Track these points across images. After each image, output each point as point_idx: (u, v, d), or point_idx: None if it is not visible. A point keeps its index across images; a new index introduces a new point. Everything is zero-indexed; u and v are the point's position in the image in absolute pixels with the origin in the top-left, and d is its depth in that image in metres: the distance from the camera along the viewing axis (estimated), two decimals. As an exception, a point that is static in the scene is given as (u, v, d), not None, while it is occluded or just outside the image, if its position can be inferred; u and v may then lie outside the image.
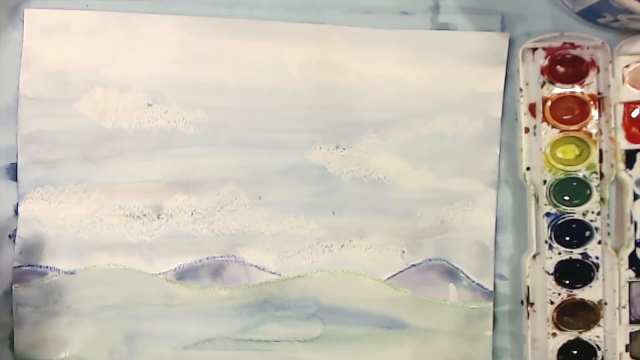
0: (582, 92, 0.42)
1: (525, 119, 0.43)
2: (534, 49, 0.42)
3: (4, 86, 0.42)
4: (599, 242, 0.42)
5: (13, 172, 0.42)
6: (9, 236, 0.42)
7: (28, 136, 0.42)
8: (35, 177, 0.42)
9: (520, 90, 0.42)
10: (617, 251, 0.42)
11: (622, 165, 0.42)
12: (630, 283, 0.42)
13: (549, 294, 0.42)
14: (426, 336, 0.43)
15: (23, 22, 0.41)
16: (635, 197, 0.42)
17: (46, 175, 0.42)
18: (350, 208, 0.43)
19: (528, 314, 0.42)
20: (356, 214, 0.43)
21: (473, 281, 0.43)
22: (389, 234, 0.43)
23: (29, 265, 0.42)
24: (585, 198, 0.42)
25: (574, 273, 0.42)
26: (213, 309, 0.43)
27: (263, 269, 0.43)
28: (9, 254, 0.42)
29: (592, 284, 0.42)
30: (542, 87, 0.42)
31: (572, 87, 0.42)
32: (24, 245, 0.42)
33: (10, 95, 0.42)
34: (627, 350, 0.42)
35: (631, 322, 0.42)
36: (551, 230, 0.42)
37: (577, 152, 0.42)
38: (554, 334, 0.42)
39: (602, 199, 0.42)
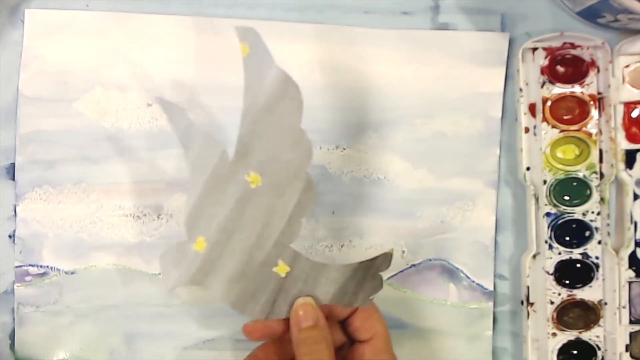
0: (582, 92, 0.42)
1: (525, 119, 0.43)
2: (534, 49, 0.42)
3: (4, 86, 0.42)
4: (599, 242, 0.42)
5: (13, 172, 0.42)
6: (9, 236, 0.42)
7: (27, 136, 0.42)
8: (33, 177, 0.42)
9: (520, 90, 0.42)
10: (617, 251, 0.42)
11: (622, 165, 0.42)
12: (630, 283, 0.42)
13: (549, 294, 0.42)
14: (426, 336, 0.43)
15: (23, 22, 0.42)
16: (635, 197, 0.42)
17: (44, 176, 0.42)
18: (350, 208, 0.43)
19: (528, 314, 0.42)
20: (356, 214, 0.43)
21: (473, 281, 0.43)
22: (389, 234, 0.43)
23: (29, 265, 0.42)
24: (585, 198, 0.42)
25: (574, 273, 0.42)
26: (213, 309, 0.43)
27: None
28: (10, 254, 0.42)
29: (592, 284, 0.42)
30: (542, 87, 0.42)
31: (572, 87, 0.42)
32: (24, 245, 0.42)
33: (10, 95, 0.42)
34: (627, 350, 0.42)
35: (631, 322, 0.42)
36: (551, 230, 0.42)
37: (577, 152, 0.42)
38: (554, 334, 0.42)
39: (602, 199, 0.42)
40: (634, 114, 0.42)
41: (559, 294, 0.42)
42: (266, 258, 0.36)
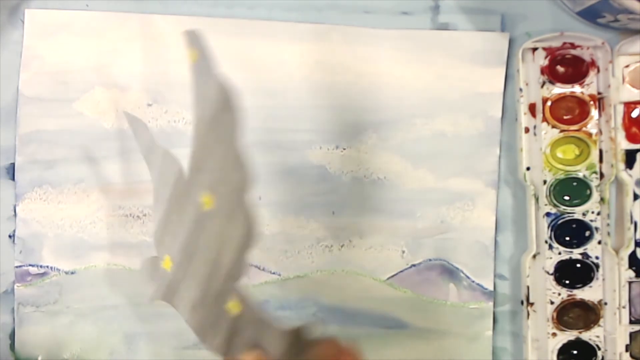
0: (582, 92, 0.42)
1: (525, 119, 0.43)
2: (534, 49, 0.42)
3: (4, 86, 0.42)
4: (599, 242, 0.42)
5: (13, 172, 0.42)
6: (9, 236, 0.42)
7: (27, 136, 0.42)
8: (33, 177, 0.42)
9: (520, 90, 0.42)
10: (617, 251, 0.42)
11: (622, 165, 0.42)
12: (630, 283, 0.42)
13: (549, 294, 0.42)
14: (426, 336, 0.43)
15: (23, 22, 0.42)
16: (635, 197, 0.42)
17: (44, 176, 0.42)
18: (350, 208, 0.43)
19: (528, 314, 0.42)
20: (356, 214, 0.43)
21: (473, 281, 0.43)
22: (389, 234, 0.43)
23: (29, 265, 0.42)
24: (585, 198, 0.42)
25: (574, 273, 0.42)
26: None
27: (263, 269, 0.43)
28: (10, 254, 0.42)
29: (592, 284, 0.42)
30: (542, 87, 0.42)
31: (572, 87, 0.42)
32: (24, 245, 0.42)
33: (10, 95, 0.42)
34: (627, 350, 0.42)
35: (631, 322, 0.42)
36: (551, 230, 0.42)
37: (577, 152, 0.42)
38: (554, 334, 0.42)
39: (602, 199, 0.42)
40: (634, 114, 0.42)
41: (559, 294, 0.42)
42: (220, 291, 0.31)
